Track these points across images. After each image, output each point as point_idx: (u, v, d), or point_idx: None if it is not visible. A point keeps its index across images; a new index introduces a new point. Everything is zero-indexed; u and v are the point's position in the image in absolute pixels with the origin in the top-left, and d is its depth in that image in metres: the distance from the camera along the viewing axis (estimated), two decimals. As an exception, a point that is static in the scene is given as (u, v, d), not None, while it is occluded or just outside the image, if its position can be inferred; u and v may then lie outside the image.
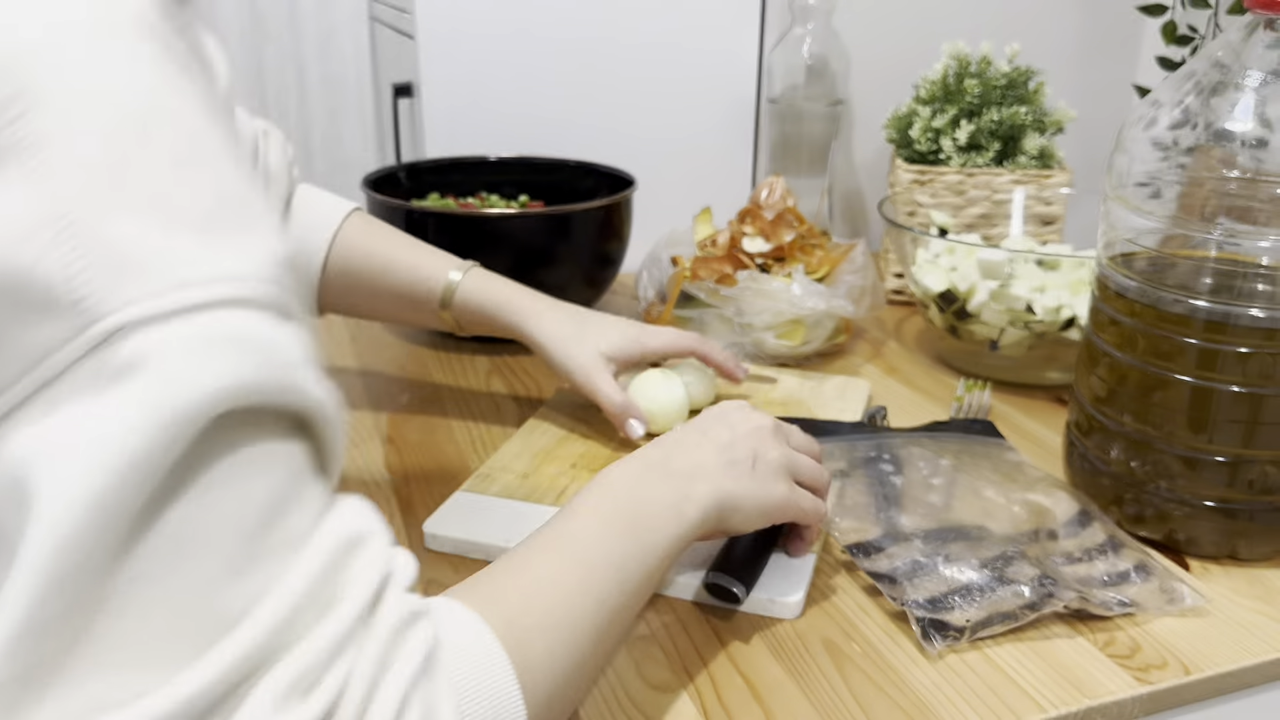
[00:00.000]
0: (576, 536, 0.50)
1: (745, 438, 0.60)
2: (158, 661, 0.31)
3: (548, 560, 0.48)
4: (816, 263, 1.04)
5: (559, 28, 1.20)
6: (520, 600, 0.45)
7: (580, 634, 0.46)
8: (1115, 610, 0.62)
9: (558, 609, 0.46)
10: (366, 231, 0.83)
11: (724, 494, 0.56)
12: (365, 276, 0.81)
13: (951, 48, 1.17)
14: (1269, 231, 0.62)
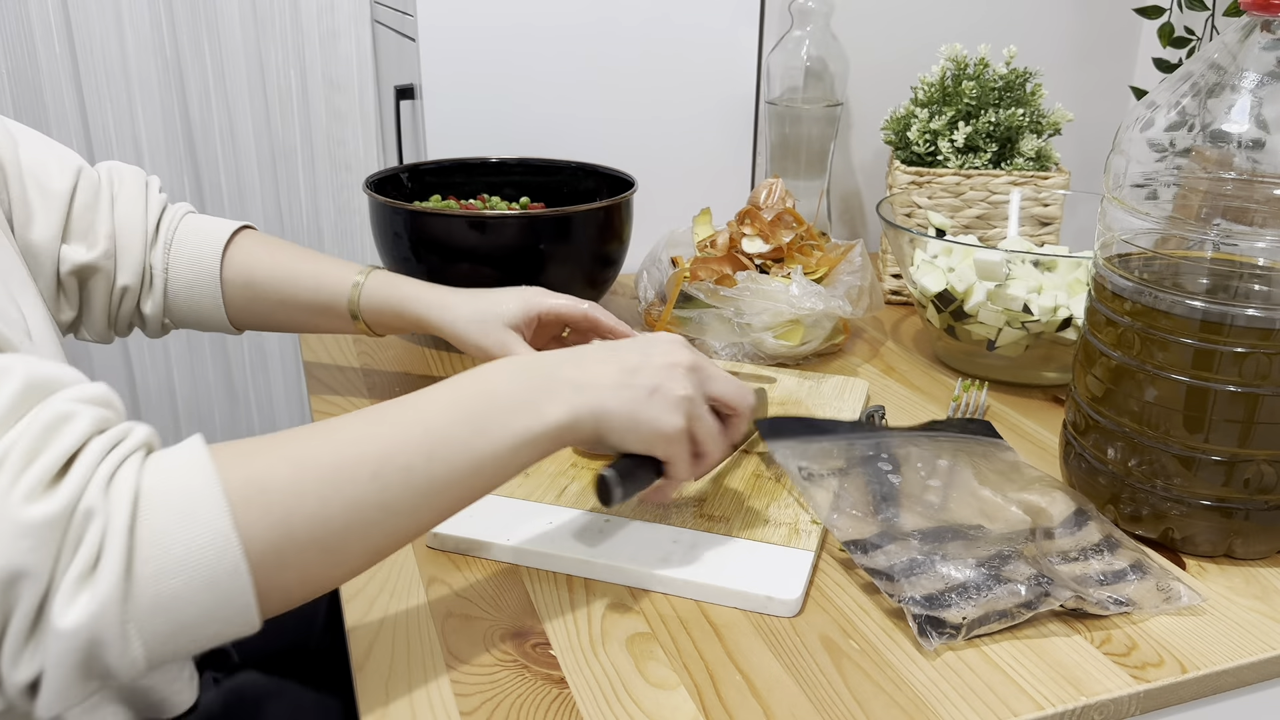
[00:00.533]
0: (403, 405, 0.51)
1: (656, 369, 0.59)
2: None
3: (345, 419, 0.50)
4: (815, 263, 1.05)
5: (559, 30, 1.21)
6: (280, 440, 0.47)
7: (351, 478, 0.47)
8: (1112, 609, 0.62)
9: (323, 450, 0.47)
10: (266, 245, 0.85)
11: (601, 408, 0.56)
12: (270, 287, 0.84)
13: (949, 50, 1.17)
14: (1265, 232, 0.63)
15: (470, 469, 0.52)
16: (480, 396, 0.53)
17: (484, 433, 0.52)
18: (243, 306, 0.85)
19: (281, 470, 0.46)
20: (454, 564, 0.68)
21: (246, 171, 1.61)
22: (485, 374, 0.55)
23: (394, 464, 0.49)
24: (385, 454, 0.49)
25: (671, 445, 0.60)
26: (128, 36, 1.50)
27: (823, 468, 0.74)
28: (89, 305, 0.81)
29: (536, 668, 0.58)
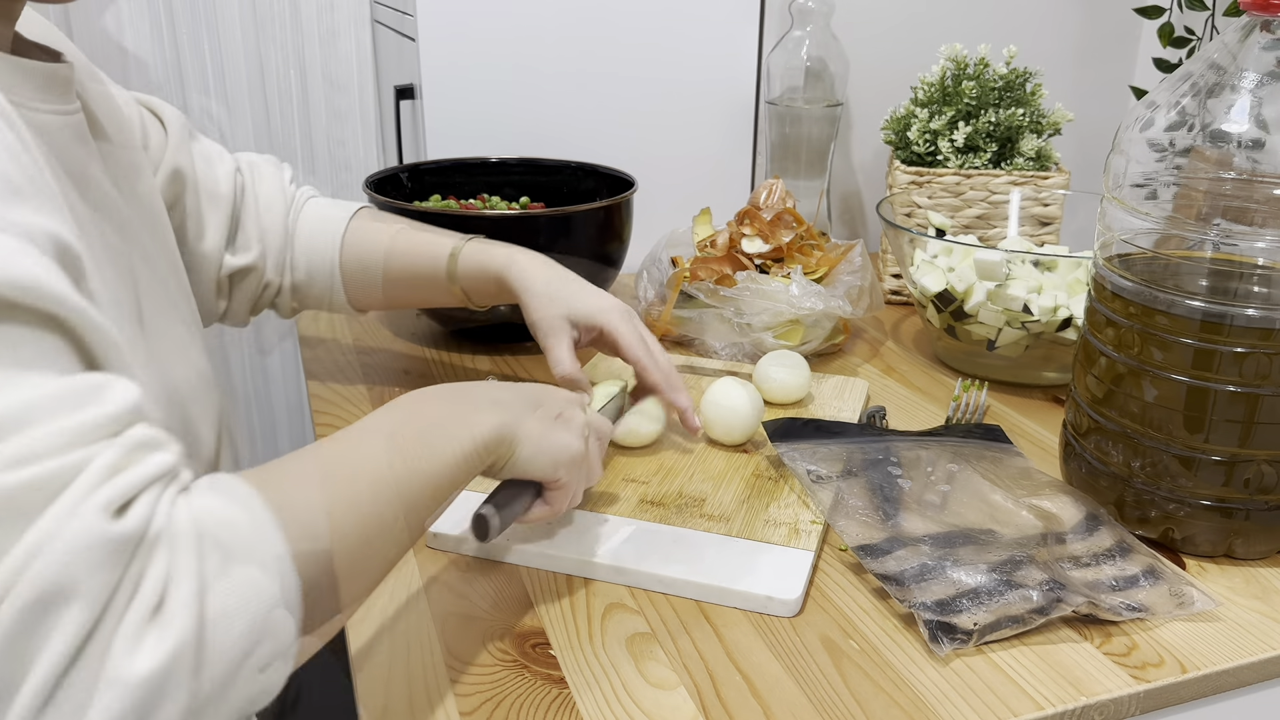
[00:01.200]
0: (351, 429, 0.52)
1: (557, 400, 0.63)
2: None
3: (319, 445, 0.49)
4: (815, 263, 1.05)
5: (560, 30, 1.21)
6: (282, 465, 0.46)
7: (367, 501, 0.47)
8: (1125, 615, 0.62)
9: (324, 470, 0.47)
10: (376, 224, 0.87)
11: (518, 426, 0.58)
12: (379, 266, 0.85)
13: (949, 50, 1.17)
14: (1265, 232, 0.63)
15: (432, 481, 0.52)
16: (416, 423, 0.54)
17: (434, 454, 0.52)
18: (359, 289, 0.86)
19: (306, 495, 0.45)
20: (454, 564, 0.68)
21: (246, 171, 1.61)
22: (414, 399, 0.56)
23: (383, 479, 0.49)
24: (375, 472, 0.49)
25: (573, 468, 0.61)
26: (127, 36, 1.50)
27: (831, 471, 0.74)
28: (237, 298, 0.84)
29: (536, 668, 0.58)
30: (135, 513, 0.37)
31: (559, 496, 0.62)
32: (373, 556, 0.48)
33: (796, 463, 0.74)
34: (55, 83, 0.56)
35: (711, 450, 0.81)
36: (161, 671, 0.35)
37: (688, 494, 0.74)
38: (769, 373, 0.88)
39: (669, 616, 0.63)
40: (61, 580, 0.34)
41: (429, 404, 0.56)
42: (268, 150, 1.61)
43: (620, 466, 0.78)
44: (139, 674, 0.35)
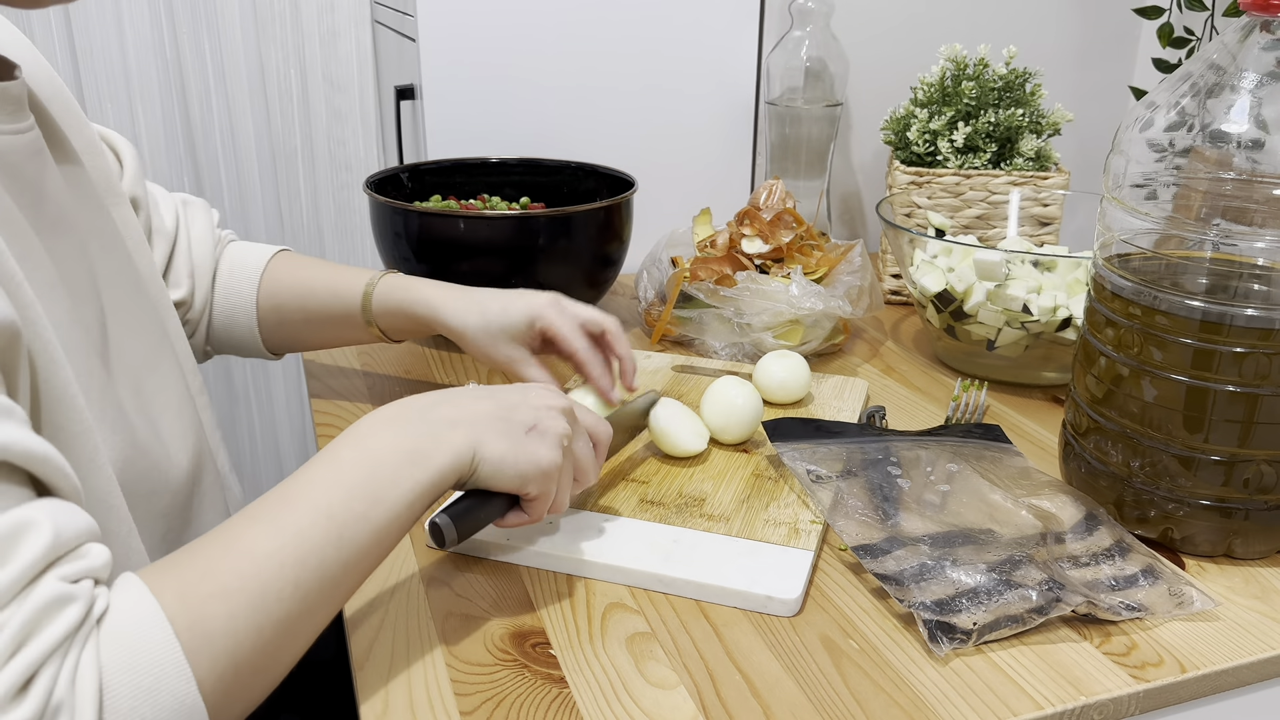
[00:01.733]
0: (294, 497, 0.51)
1: (533, 408, 0.60)
2: None
3: (253, 525, 0.49)
4: (815, 264, 1.05)
5: (560, 31, 1.21)
6: (205, 567, 0.47)
7: (277, 598, 0.47)
8: (1124, 615, 0.62)
9: (246, 574, 0.47)
10: (292, 265, 0.85)
11: (482, 446, 0.56)
12: (294, 306, 0.84)
13: (949, 50, 1.17)
14: (1264, 232, 0.63)
15: (374, 539, 0.52)
16: (364, 465, 0.53)
17: (380, 501, 0.52)
18: (274, 329, 0.85)
19: (217, 608, 0.46)
20: (454, 564, 0.68)
21: (247, 171, 1.61)
22: (362, 438, 0.55)
23: (309, 566, 0.49)
24: (300, 560, 0.49)
25: (546, 482, 0.59)
26: (128, 36, 1.50)
27: (830, 471, 0.74)
28: None
29: (536, 667, 0.58)
30: (37, 689, 0.39)
31: (534, 507, 0.61)
32: (293, 640, 0.49)
33: (796, 462, 0.75)
34: (6, 101, 0.56)
35: (711, 450, 0.81)
36: None
37: (688, 494, 0.74)
38: (769, 373, 0.89)
39: (669, 616, 0.63)
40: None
41: (382, 437, 0.54)
42: (268, 150, 1.61)
43: (620, 467, 0.78)
44: None
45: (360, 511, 0.51)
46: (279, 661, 0.49)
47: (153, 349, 0.64)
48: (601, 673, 0.58)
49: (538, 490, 0.59)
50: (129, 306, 0.63)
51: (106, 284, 0.61)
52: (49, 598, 0.41)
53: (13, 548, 0.41)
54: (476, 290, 0.83)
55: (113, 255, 0.63)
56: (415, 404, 0.58)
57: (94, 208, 0.63)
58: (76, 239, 0.59)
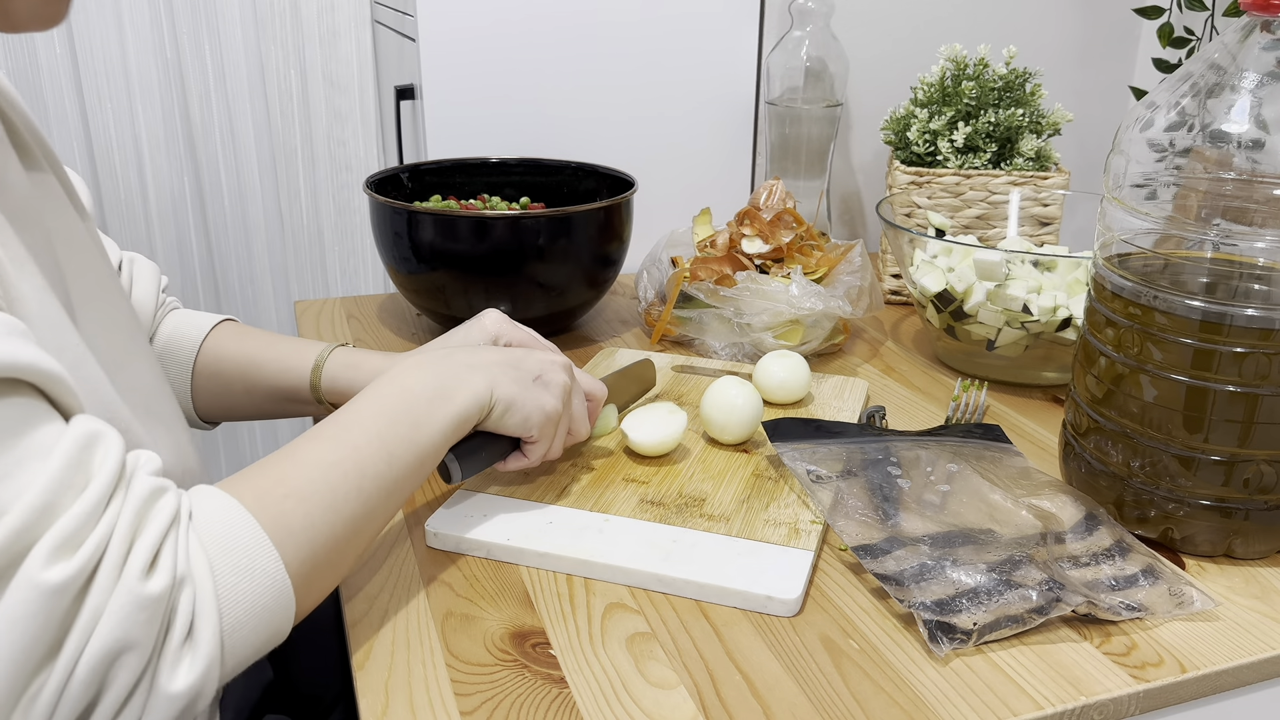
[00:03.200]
0: (347, 423, 0.58)
1: (538, 361, 0.68)
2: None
3: (313, 444, 0.56)
4: (815, 264, 1.05)
5: (560, 31, 1.21)
6: (277, 476, 0.53)
7: (342, 501, 0.54)
8: (1124, 615, 0.62)
9: (316, 481, 0.53)
10: (238, 335, 0.83)
11: (497, 387, 0.64)
12: (235, 376, 0.81)
13: (949, 50, 1.17)
14: (1265, 232, 0.63)
15: (417, 459, 0.60)
16: (403, 398, 0.61)
17: (419, 426, 0.60)
18: (210, 399, 0.82)
19: (294, 506, 0.52)
20: (454, 564, 0.68)
21: (247, 171, 1.61)
22: (398, 378, 0.62)
23: (368, 475, 0.56)
24: (360, 469, 0.56)
25: (547, 425, 0.68)
26: (128, 36, 1.50)
27: (830, 471, 0.74)
28: None
29: (536, 667, 0.58)
30: (162, 568, 0.44)
31: (534, 449, 0.69)
32: (358, 539, 0.56)
33: (796, 463, 0.75)
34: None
35: (711, 450, 0.81)
36: (197, 684, 0.45)
37: (688, 494, 0.74)
38: (769, 373, 0.88)
39: (669, 616, 0.63)
40: (122, 638, 0.42)
41: (415, 375, 0.62)
42: (268, 150, 1.61)
43: (620, 466, 0.78)
44: (180, 690, 0.44)
45: (404, 435, 0.59)
46: (347, 557, 0.56)
47: (125, 343, 0.63)
48: (601, 673, 0.58)
49: (539, 434, 0.67)
50: (99, 301, 0.62)
51: (74, 278, 0.60)
52: (148, 489, 0.46)
53: (99, 450, 0.45)
54: (427, 353, 0.79)
55: (80, 254, 0.61)
56: (436, 354, 0.65)
57: (60, 210, 0.62)
58: (40, 233, 0.58)
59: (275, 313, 1.71)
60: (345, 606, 0.64)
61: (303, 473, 0.53)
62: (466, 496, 0.74)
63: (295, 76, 1.58)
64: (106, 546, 0.43)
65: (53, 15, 0.54)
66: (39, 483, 0.42)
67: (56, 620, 0.41)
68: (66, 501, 0.43)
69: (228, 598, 0.47)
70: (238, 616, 0.47)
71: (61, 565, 0.41)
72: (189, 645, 0.45)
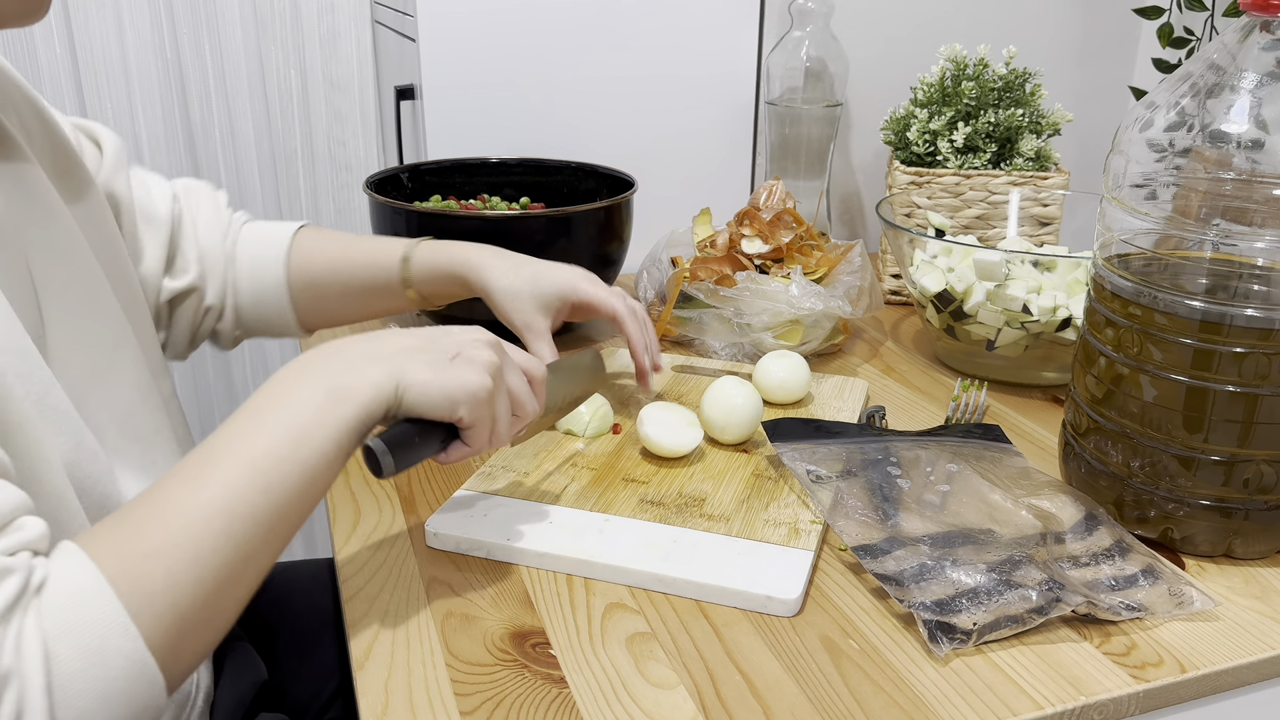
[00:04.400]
0: (216, 453, 0.51)
1: (458, 341, 0.60)
2: None
3: (177, 486, 0.49)
4: (814, 264, 1.05)
5: (560, 31, 1.21)
6: (137, 527, 0.47)
7: (212, 550, 0.48)
8: (1124, 615, 0.62)
9: (176, 531, 0.47)
10: (320, 240, 0.84)
11: (404, 374, 0.56)
12: (328, 281, 0.82)
13: (949, 50, 1.17)
14: (1264, 232, 0.63)
15: (304, 481, 0.52)
16: (284, 411, 0.53)
17: (304, 442, 0.52)
18: (309, 307, 0.84)
19: (153, 566, 0.46)
20: (454, 564, 0.68)
21: (247, 172, 1.61)
22: (279, 385, 0.55)
23: (239, 515, 0.49)
24: (229, 510, 0.49)
25: (477, 407, 0.58)
26: (128, 36, 1.50)
27: (830, 471, 0.74)
28: (176, 327, 0.81)
29: (536, 667, 0.58)
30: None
31: (473, 435, 0.60)
32: (236, 587, 0.50)
33: (796, 463, 0.75)
34: None
35: (711, 450, 0.81)
36: None
37: (688, 494, 0.74)
38: (769, 373, 0.89)
39: (669, 616, 0.63)
40: None
41: (299, 381, 0.54)
42: (268, 150, 1.61)
43: (620, 466, 0.78)
44: None
45: (285, 456, 0.51)
46: (223, 612, 0.50)
47: (106, 357, 0.62)
48: (601, 673, 0.58)
49: (470, 415, 0.58)
50: (76, 318, 0.61)
51: (52, 294, 0.59)
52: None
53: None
54: (516, 255, 0.83)
55: (61, 265, 0.60)
56: (330, 347, 0.58)
57: (44, 212, 0.61)
58: (16, 251, 0.57)
59: (275, 313, 1.70)
60: (345, 606, 0.64)
61: (163, 523, 0.48)
62: (466, 496, 0.74)
63: (295, 76, 1.58)
64: None
65: (34, 8, 0.53)
66: None
67: None
68: None
69: (70, 687, 0.42)
70: (85, 705, 0.43)
71: None
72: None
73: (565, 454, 0.80)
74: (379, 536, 0.71)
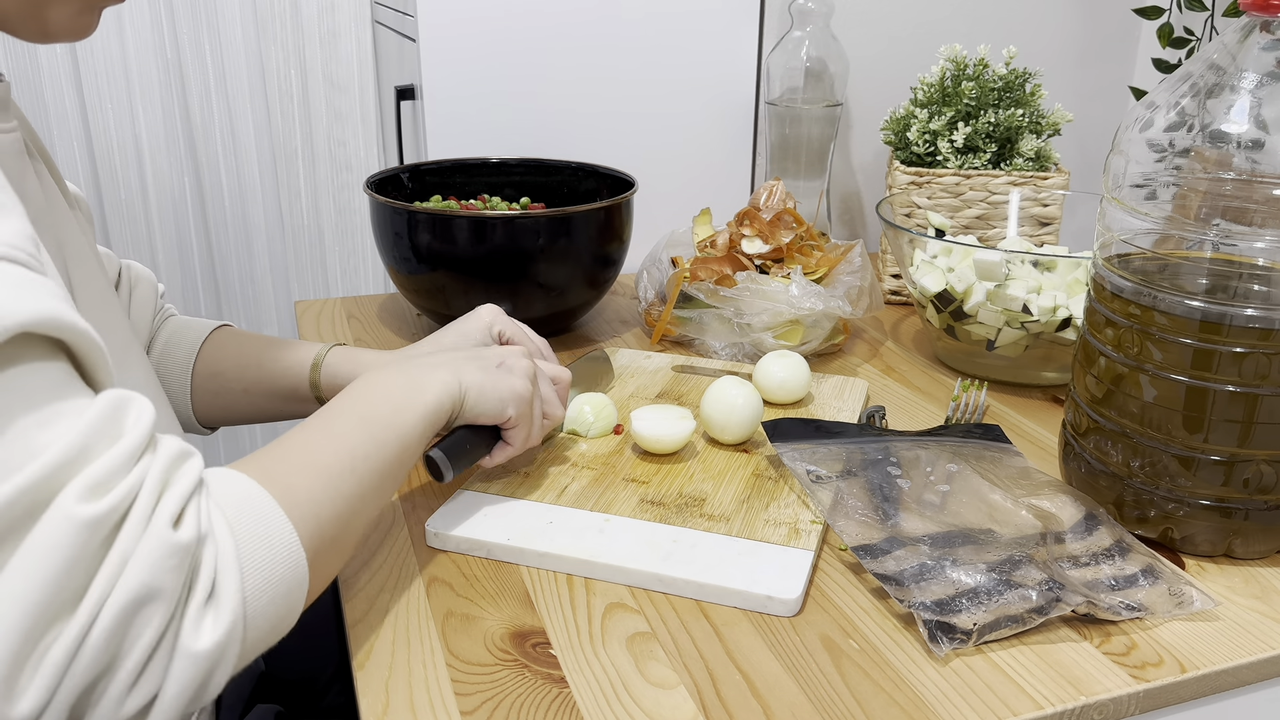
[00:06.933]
0: (330, 415, 0.60)
1: (498, 352, 0.72)
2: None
3: (303, 433, 0.58)
4: (815, 264, 1.05)
5: (560, 31, 1.21)
6: (279, 455, 0.55)
7: (339, 480, 0.56)
8: (1124, 615, 0.62)
9: (314, 460, 0.55)
10: (235, 338, 0.84)
11: (464, 376, 0.67)
12: (234, 377, 0.82)
13: (949, 51, 1.17)
14: (1264, 232, 0.63)
15: (400, 446, 0.61)
16: (378, 393, 0.63)
17: (400, 411, 0.62)
18: (209, 400, 0.83)
19: (299, 482, 0.53)
20: (454, 564, 0.68)
21: (247, 171, 1.61)
22: (369, 379, 0.64)
23: (359, 456, 0.58)
24: (351, 451, 0.57)
25: (522, 406, 0.70)
26: (128, 36, 1.50)
27: (830, 471, 0.74)
28: None
29: (536, 667, 0.58)
30: (188, 521, 0.45)
31: (515, 434, 0.71)
32: (357, 520, 0.57)
33: (796, 463, 0.75)
34: None
35: (711, 450, 0.81)
36: (221, 644, 0.44)
37: (688, 494, 0.74)
38: (769, 373, 0.89)
39: (669, 616, 0.63)
40: (149, 584, 0.42)
41: (384, 376, 0.64)
42: (268, 150, 1.61)
43: (620, 466, 0.78)
44: (204, 648, 0.44)
45: (386, 420, 0.61)
46: (349, 537, 0.57)
47: (121, 353, 0.64)
48: (602, 673, 0.58)
49: (516, 415, 0.69)
50: (98, 311, 0.63)
51: (79, 287, 0.62)
52: (175, 450, 0.47)
53: (131, 411, 0.46)
54: (421, 351, 0.81)
55: (82, 263, 0.63)
56: (400, 356, 0.69)
57: (64, 215, 0.64)
58: (54, 242, 0.60)
59: (275, 313, 1.71)
60: (345, 606, 0.64)
61: (299, 455, 0.55)
62: (466, 496, 0.74)
63: (295, 76, 1.58)
64: (137, 494, 0.43)
65: (84, 27, 0.56)
66: (75, 430, 0.42)
67: (86, 558, 0.41)
68: (100, 449, 0.43)
69: (248, 562, 0.47)
70: (257, 583, 0.47)
71: (94, 504, 0.41)
72: (212, 603, 0.45)
73: (566, 454, 0.80)
74: (379, 536, 0.71)
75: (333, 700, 0.81)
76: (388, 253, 1.02)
